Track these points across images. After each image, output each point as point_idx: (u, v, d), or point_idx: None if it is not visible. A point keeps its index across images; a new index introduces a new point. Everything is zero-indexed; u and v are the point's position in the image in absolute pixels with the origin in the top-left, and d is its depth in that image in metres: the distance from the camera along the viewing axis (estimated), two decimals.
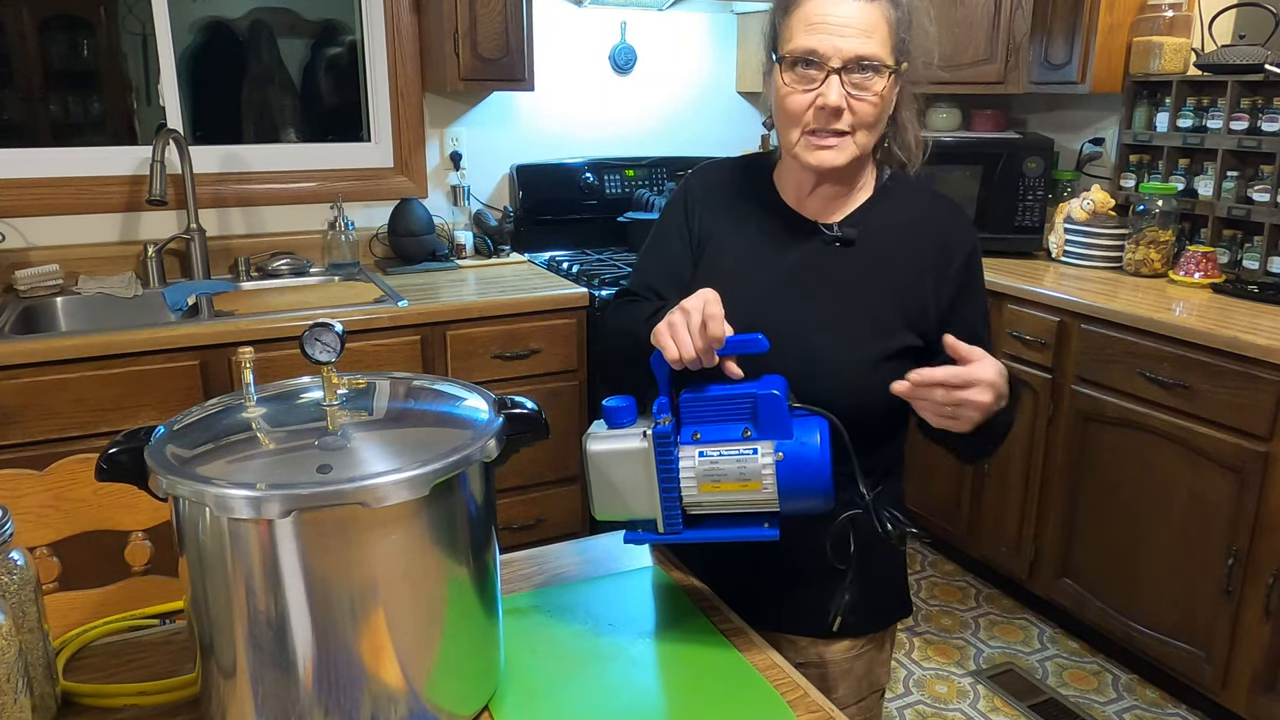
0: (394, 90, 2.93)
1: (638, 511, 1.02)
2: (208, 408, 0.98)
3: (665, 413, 1.00)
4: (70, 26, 2.95)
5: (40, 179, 2.58)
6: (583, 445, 1.02)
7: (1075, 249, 2.90)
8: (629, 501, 1.02)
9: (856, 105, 1.11)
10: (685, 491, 1.00)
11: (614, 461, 1.00)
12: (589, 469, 1.02)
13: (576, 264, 2.93)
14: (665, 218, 1.32)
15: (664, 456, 0.99)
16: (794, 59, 1.11)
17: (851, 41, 1.08)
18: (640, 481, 1.00)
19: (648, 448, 0.99)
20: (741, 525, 1.02)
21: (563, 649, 1.08)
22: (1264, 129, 2.58)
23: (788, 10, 1.13)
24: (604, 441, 1.01)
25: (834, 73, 1.09)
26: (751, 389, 1.00)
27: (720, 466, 0.98)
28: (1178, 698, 2.46)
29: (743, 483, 0.98)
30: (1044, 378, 2.63)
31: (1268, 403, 2.09)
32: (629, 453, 1.00)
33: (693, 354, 0.99)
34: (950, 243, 1.20)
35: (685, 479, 0.99)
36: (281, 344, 2.26)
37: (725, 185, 1.30)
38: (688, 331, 0.99)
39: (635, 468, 1.00)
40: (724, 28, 3.41)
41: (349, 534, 0.83)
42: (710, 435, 1.00)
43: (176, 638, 1.10)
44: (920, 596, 2.95)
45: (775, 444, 0.98)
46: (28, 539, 1.34)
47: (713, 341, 0.98)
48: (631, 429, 1.01)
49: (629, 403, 1.02)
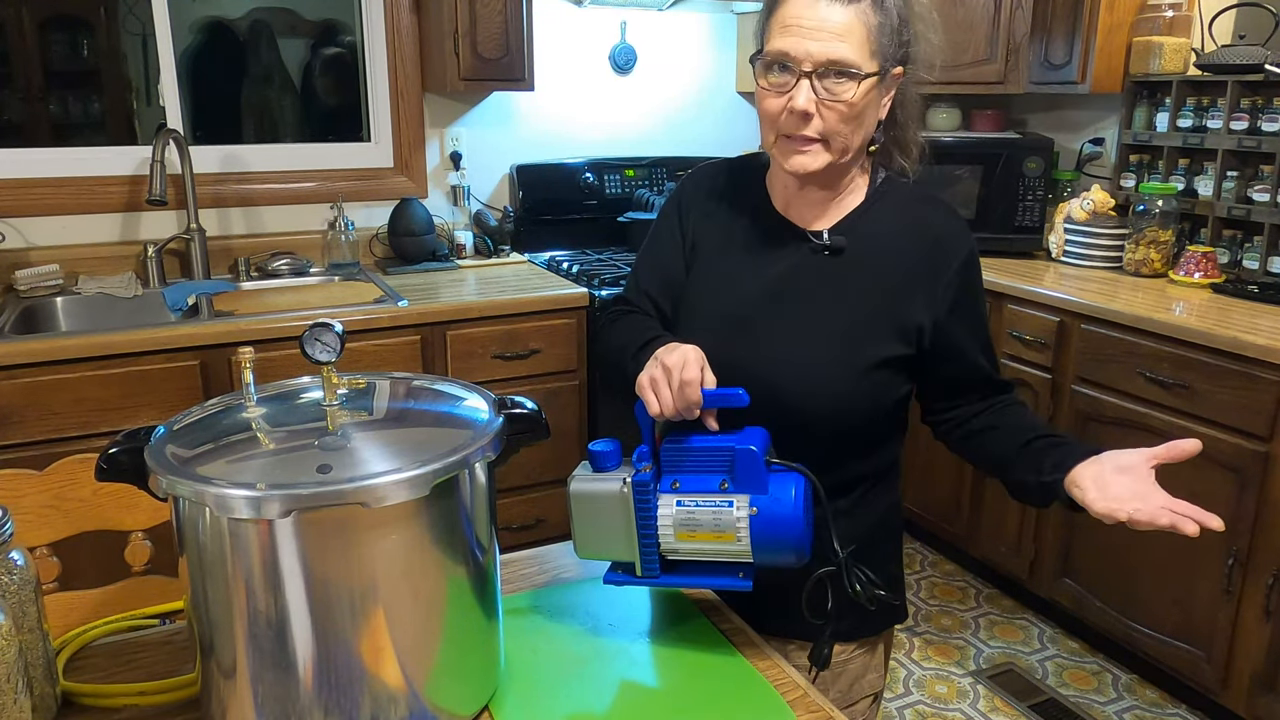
0: (394, 90, 2.93)
1: (617, 554, 1.05)
2: (208, 408, 0.98)
3: (646, 460, 1.03)
4: (70, 26, 2.95)
5: (40, 179, 2.58)
6: (567, 485, 1.05)
7: (1075, 249, 2.90)
8: (609, 544, 1.05)
9: (826, 112, 1.09)
10: (663, 538, 1.02)
11: (595, 505, 1.03)
12: (572, 509, 1.04)
13: (576, 264, 2.93)
14: (660, 221, 1.33)
15: (643, 504, 1.01)
16: (768, 61, 1.11)
17: (824, 45, 1.06)
18: (619, 526, 1.03)
19: (628, 494, 1.01)
20: (716, 574, 1.05)
21: (563, 649, 1.08)
22: (1264, 129, 2.58)
23: (771, 11, 1.12)
24: (587, 483, 1.04)
25: (804, 76, 1.08)
26: (730, 442, 1.02)
27: (696, 517, 1.01)
28: (1178, 698, 2.46)
29: (718, 534, 1.00)
30: (1044, 378, 2.63)
31: (1268, 403, 2.08)
32: (609, 497, 1.02)
33: (671, 410, 1.02)
34: (944, 252, 1.18)
35: (663, 527, 1.02)
36: (281, 344, 2.26)
37: (718, 188, 1.29)
38: (667, 389, 1.02)
39: (615, 513, 1.03)
40: (724, 28, 3.41)
41: (349, 534, 0.83)
42: (689, 485, 1.02)
43: (176, 638, 1.10)
44: (920, 596, 2.95)
45: (750, 498, 0.99)
46: (28, 539, 1.34)
47: (690, 404, 1.01)
48: (614, 474, 1.03)
49: (614, 447, 1.05)
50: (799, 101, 1.08)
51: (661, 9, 3.24)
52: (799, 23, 1.07)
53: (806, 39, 1.07)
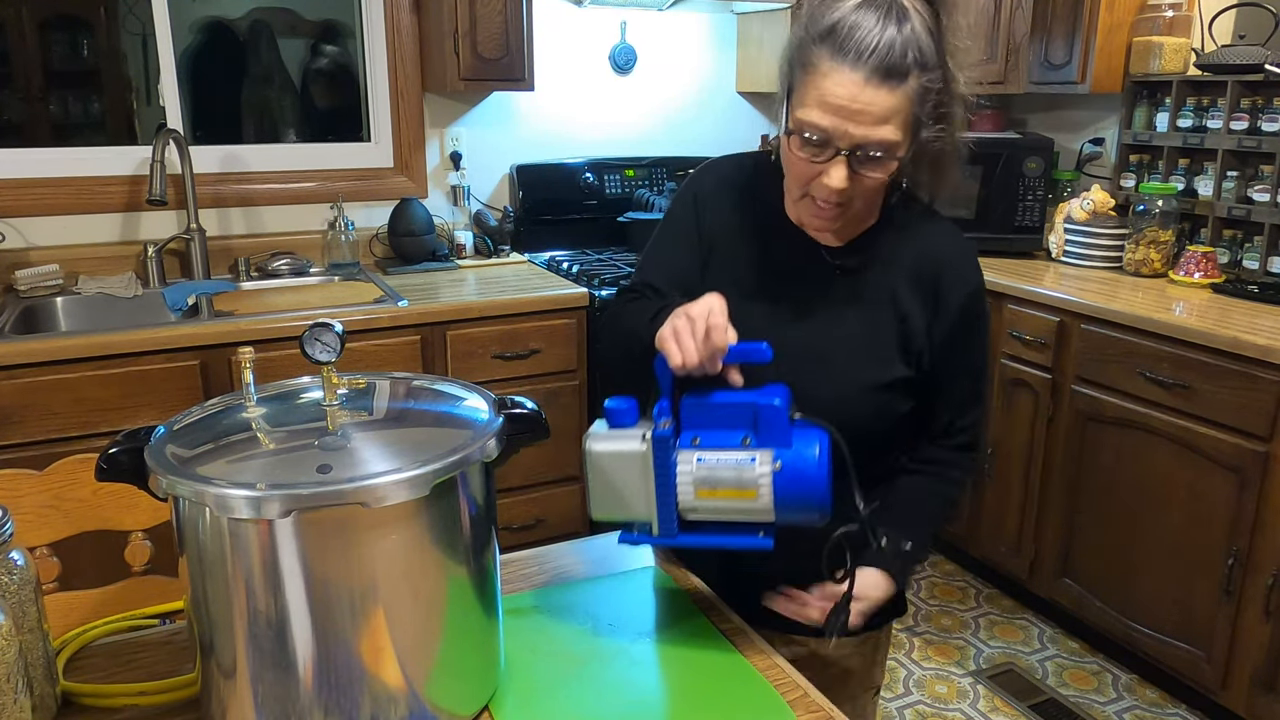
0: (394, 90, 2.93)
1: (634, 513, 1.02)
2: (208, 408, 0.98)
3: (666, 416, 1.00)
4: (70, 26, 2.95)
5: (40, 179, 2.58)
6: (583, 444, 1.02)
7: (1075, 249, 2.90)
8: (626, 502, 1.01)
9: (859, 181, 1.06)
10: (682, 496, 0.99)
11: (613, 463, 1.00)
12: (588, 468, 1.02)
13: (576, 264, 2.93)
14: (674, 214, 1.29)
15: (662, 460, 0.98)
16: (803, 134, 1.05)
17: (866, 130, 1.02)
18: (638, 484, 1.00)
19: (646, 450, 0.99)
20: (736, 533, 1.01)
21: (563, 649, 1.08)
22: (1264, 129, 2.58)
23: (805, 68, 1.04)
24: (604, 442, 1.01)
25: (841, 154, 1.04)
26: (753, 397, 0.99)
27: (717, 473, 0.98)
28: (1178, 698, 2.46)
29: (739, 490, 0.97)
30: (1044, 378, 2.63)
31: (1268, 403, 2.08)
32: (628, 454, 1.00)
33: (695, 360, 0.98)
34: (950, 283, 1.16)
35: (682, 483, 0.99)
36: (281, 344, 2.26)
37: (735, 189, 1.26)
38: (691, 338, 0.98)
39: (633, 470, 1.00)
40: (724, 28, 3.41)
41: (349, 534, 0.83)
42: (709, 441, 1.00)
43: (176, 638, 1.10)
44: (920, 596, 2.95)
45: (774, 453, 0.97)
46: (28, 539, 1.34)
47: (715, 351, 0.98)
48: (632, 430, 1.01)
49: (631, 404, 1.02)
50: (834, 181, 1.05)
51: (661, 9, 3.24)
52: (843, 104, 1.01)
53: (848, 121, 1.02)
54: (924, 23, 1.03)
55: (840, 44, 1.01)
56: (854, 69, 1.00)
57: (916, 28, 1.02)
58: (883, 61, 1.00)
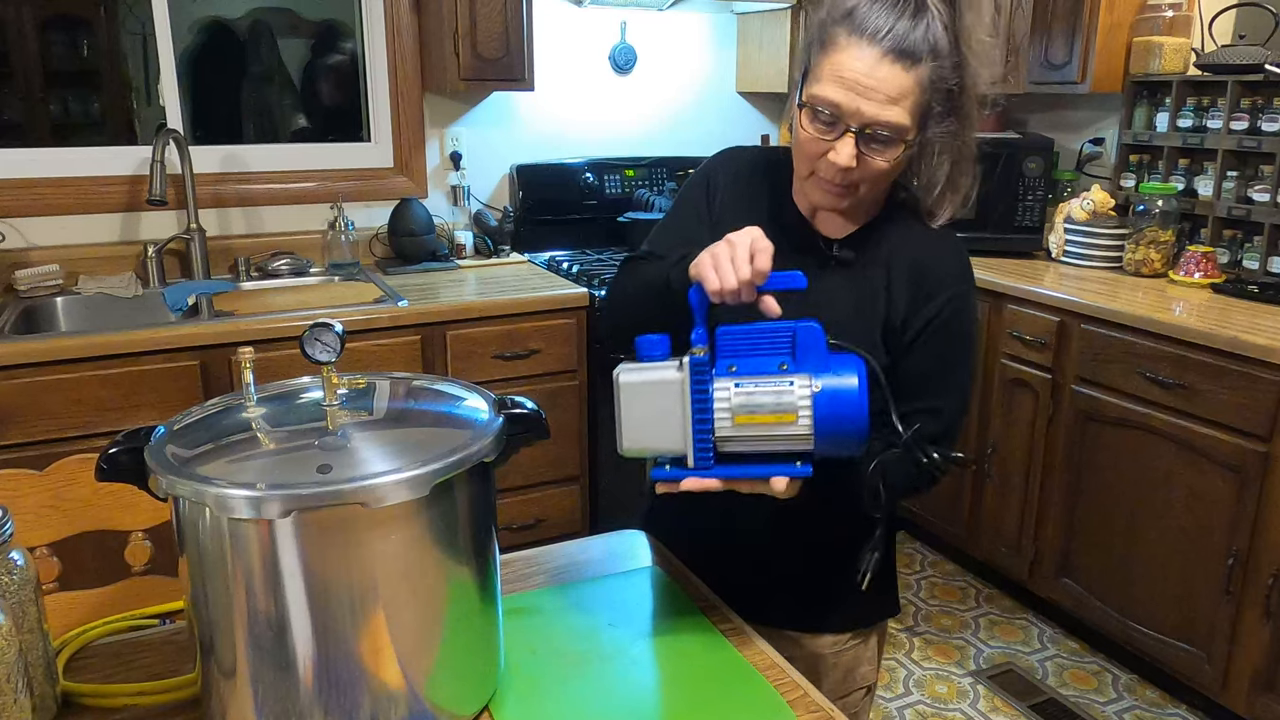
0: (394, 90, 2.93)
1: (667, 444, 0.98)
2: (208, 408, 0.98)
3: (701, 343, 0.98)
4: (70, 26, 2.94)
5: (40, 179, 2.58)
6: (614, 379, 0.99)
7: (1075, 249, 2.90)
8: (659, 433, 0.98)
9: (867, 163, 1.07)
10: (719, 423, 0.96)
11: (646, 390, 0.97)
12: (620, 401, 0.98)
13: (576, 264, 2.93)
14: (687, 195, 1.30)
15: (699, 386, 0.96)
16: (815, 108, 1.08)
17: (878, 108, 1.03)
18: (672, 413, 0.97)
19: (683, 377, 0.96)
20: (773, 463, 0.98)
21: (563, 649, 1.08)
22: (1264, 129, 2.58)
23: (824, 45, 1.07)
24: (637, 373, 0.98)
25: (849, 131, 1.06)
26: (789, 324, 0.98)
27: (756, 398, 0.95)
28: (1178, 698, 2.46)
29: (779, 415, 0.95)
30: (1044, 378, 2.63)
31: (1268, 403, 2.08)
32: (663, 383, 0.97)
33: (734, 284, 0.97)
34: (935, 283, 1.16)
35: (719, 410, 0.96)
36: (281, 344, 2.26)
37: (748, 178, 1.27)
38: (731, 262, 0.97)
39: (668, 398, 0.97)
40: (724, 28, 3.41)
41: (349, 534, 0.83)
42: (746, 369, 0.97)
43: (176, 638, 1.10)
44: (920, 596, 2.95)
45: (813, 376, 0.95)
46: (28, 539, 1.34)
47: (758, 275, 0.97)
48: (664, 363, 0.98)
49: (662, 339, 1.00)
50: (841, 158, 1.06)
51: (661, 9, 3.24)
52: (856, 78, 1.03)
53: (860, 97, 1.04)
54: (940, 17, 1.05)
55: (859, 24, 1.04)
56: (871, 45, 1.03)
57: (934, 20, 1.04)
58: (898, 43, 1.03)
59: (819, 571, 1.28)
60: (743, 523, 1.25)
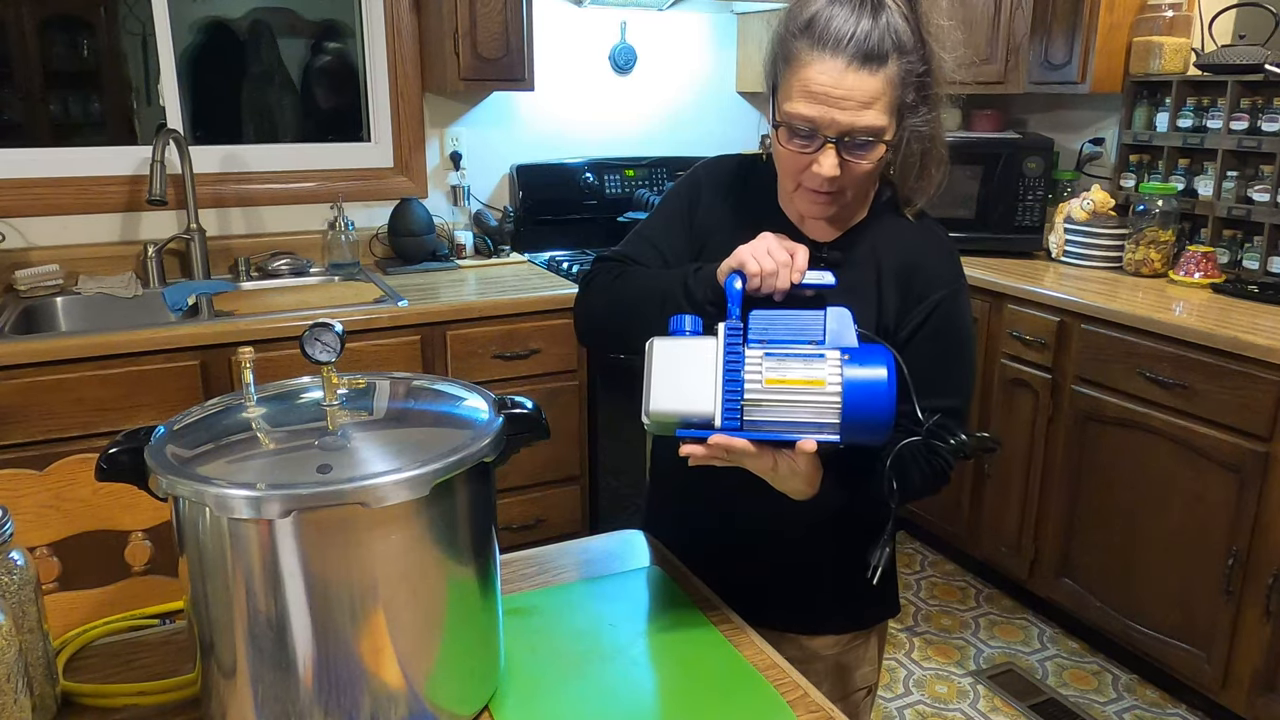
0: (394, 90, 2.93)
1: (696, 407, 0.99)
2: (208, 408, 0.98)
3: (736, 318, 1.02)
4: (70, 26, 2.95)
5: (40, 179, 2.58)
6: (647, 347, 1.01)
7: (1075, 249, 2.90)
8: (689, 395, 0.99)
9: (851, 168, 1.08)
10: (749, 384, 0.98)
11: (680, 354, 1.00)
12: (651, 367, 1.00)
13: (576, 264, 2.93)
14: (669, 201, 1.30)
15: (732, 347, 0.99)
16: (790, 125, 1.08)
17: (852, 115, 1.04)
18: (704, 375, 0.99)
19: (717, 340, 0.99)
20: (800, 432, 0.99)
21: (563, 649, 1.08)
22: (1264, 129, 2.58)
23: (789, 61, 1.07)
24: (671, 340, 1.01)
25: (829, 143, 1.06)
26: (820, 308, 1.01)
27: (788, 361, 0.98)
28: (1178, 698, 2.46)
29: (808, 379, 0.97)
30: (1044, 378, 2.63)
31: (1268, 403, 2.09)
32: (697, 346, 1.00)
33: (774, 267, 1.02)
34: (925, 284, 1.16)
35: (750, 371, 0.98)
36: (281, 344, 2.26)
37: (732, 186, 1.28)
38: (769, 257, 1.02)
39: (701, 361, 0.99)
40: (724, 28, 3.41)
41: (349, 534, 0.83)
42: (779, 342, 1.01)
43: (176, 638, 1.10)
44: (920, 596, 2.95)
45: (841, 350, 0.98)
46: (28, 539, 1.34)
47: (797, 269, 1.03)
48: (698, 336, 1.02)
49: (695, 318, 1.03)
50: (825, 169, 1.07)
51: (661, 9, 3.24)
52: (826, 91, 1.04)
53: (833, 108, 1.04)
54: (899, 8, 1.05)
55: (819, 35, 1.04)
56: (834, 56, 1.03)
57: (892, 14, 1.04)
58: (861, 47, 1.02)
59: (819, 572, 1.28)
60: (743, 523, 1.25)
